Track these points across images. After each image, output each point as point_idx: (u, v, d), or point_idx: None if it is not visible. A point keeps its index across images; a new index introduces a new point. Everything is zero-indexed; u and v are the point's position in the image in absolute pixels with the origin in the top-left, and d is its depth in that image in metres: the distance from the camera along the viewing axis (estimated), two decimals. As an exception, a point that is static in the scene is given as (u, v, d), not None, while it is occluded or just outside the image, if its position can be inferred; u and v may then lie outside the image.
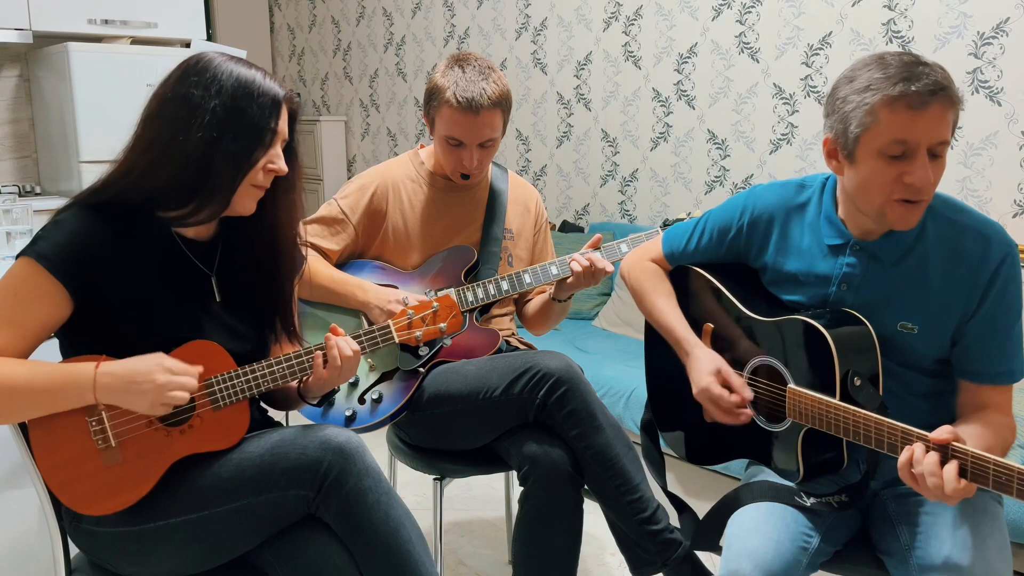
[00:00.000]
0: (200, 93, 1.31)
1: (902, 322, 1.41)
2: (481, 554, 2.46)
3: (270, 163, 1.36)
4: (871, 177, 1.32)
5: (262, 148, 1.34)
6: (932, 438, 1.18)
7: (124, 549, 1.33)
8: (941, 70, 1.29)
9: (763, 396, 1.50)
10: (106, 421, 1.30)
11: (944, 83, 1.27)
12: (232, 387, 1.35)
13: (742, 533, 1.39)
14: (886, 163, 1.30)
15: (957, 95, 1.28)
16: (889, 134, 1.28)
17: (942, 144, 1.28)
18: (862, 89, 1.30)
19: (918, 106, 1.25)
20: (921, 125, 1.26)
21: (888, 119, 1.27)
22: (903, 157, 1.28)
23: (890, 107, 1.27)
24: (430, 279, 1.92)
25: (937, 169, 1.30)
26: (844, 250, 1.44)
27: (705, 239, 1.62)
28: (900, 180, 1.29)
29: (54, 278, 1.27)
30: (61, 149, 3.62)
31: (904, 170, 1.29)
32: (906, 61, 1.29)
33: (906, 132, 1.27)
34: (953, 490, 1.15)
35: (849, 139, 1.33)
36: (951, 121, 1.29)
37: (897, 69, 1.28)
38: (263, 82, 1.34)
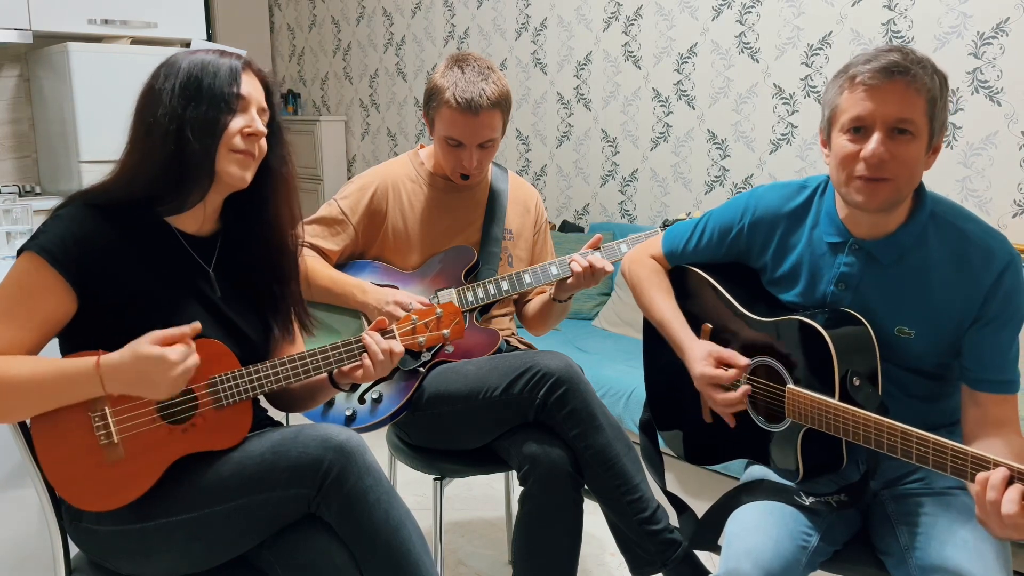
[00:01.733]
0: (161, 82, 1.34)
1: (899, 326, 1.41)
2: (481, 554, 2.47)
3: (246, 127, 1.36)
4: (836, 154, 1.37)
5: (229, 112, 1.34)
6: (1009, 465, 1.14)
7: (124, 548, 1.33)
8: (918, 58, 1.31)
9: (762, 396, 1.50)
10: (109, 417, 1.30)
11: (907, 64, 1.29)
12: (235, 387, 1.36)
13: (741, 532, 1.39)
14: (848, 140, 1.34)
15: (926, 78, 1.30)
16: (848, 111, 1.34)
17: (903, 122, 1.30)
18: (836, 75, 1.37)
19: (872, 83, 1.30)
20: (875, 102, 1.30)
21: (848, 97, 1.34)
22: (861, 133, 1.33)
23: (849, 87, 1.33)
24: (430, 279, 1.92)
25: (902, 150, 1.31)
26: (843, 248, 1.44)
27: (706, 239, 1.62)
28: (858, 157, 1.33)
29: (57, 272, 1.28)
30: (61, 149, 3.62)
31: (862, 146, 1.32)
32: (884, 48, 1.33)
33: (861, 108, 1.32)
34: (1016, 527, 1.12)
35: (826, 123, 1.39)
36: (917, 103, 1.30)
37: (869, 55, 1.33)
38: (219, 58, 1.36)
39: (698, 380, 1.51)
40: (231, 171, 1.37)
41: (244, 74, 1.37)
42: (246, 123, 1.36)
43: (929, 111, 1.31)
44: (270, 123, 1.42)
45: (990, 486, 1.13)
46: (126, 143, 1.37)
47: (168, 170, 1.33)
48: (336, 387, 1.51)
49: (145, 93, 1.36)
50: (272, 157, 1.43)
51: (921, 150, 1.33)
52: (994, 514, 1.13)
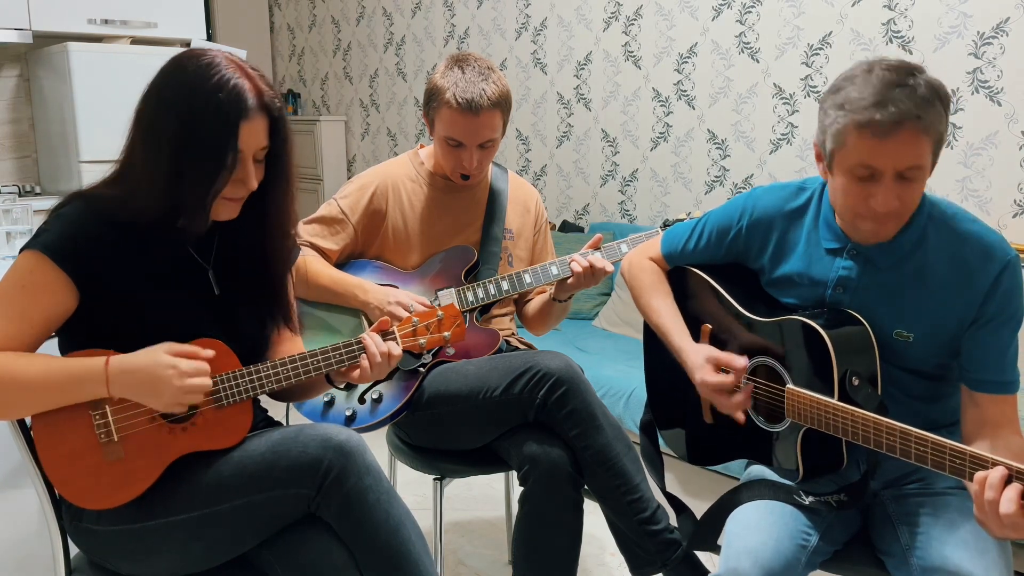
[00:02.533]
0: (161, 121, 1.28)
1: (898, 329, 1.40)
2: (481, 554, 2.46)
3: (239, 180, 1.32)
4: (842, 192, 1.34)
5: (224, 171, 1.29)
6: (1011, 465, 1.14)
7: (124, 548, 1.33)
8: (925, 90, 1.25)
9: (762, 396, 1.50)
10: (110, 416, 1.30)
11: (917, 110, 1.24)
12: (236, 386, 1.36)
13: (741, 531, 1.39)
14: (855, 182, 1.31)
15: (934, 120, 1.26)
16: (855, 157, 1.29)
17: (912, 169, 1.27)
18: (839, 106, 1.30)
19: (883, 135, 1.25)
20: (886, 152, 1.26)
21: (855, 143, 1.28)
22: (870, 179, 1.29)
23: (857, 132, 1.27)
24: (430, 279, 1.92)
25: (907, 192, 1.30)
26: (841, 253, 1.44)
27: (704, 240, 1.62)
28: (866, 201, 1.31)
29: (60, 269, 1.28)
30: (61, 149, 3.62)
31: (870, 192, 1.30)
32: (887, 80, 1.26)
33: (871, 158, 1.27)
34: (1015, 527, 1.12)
35: (827, 152, 1.35)
36: (926, 146, 1.26)
37: (874, 90, 1.26)
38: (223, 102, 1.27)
39: (700, 388, 1.51)
40: (220, 213, 1.36)
41: (246, 123, 1.28)
42: (239, 176, 1.32)
43: (935, 147, 1.29)
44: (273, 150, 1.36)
45: (988, 485, 1.13)
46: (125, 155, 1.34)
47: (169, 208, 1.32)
48: (331, 384, 1.51)
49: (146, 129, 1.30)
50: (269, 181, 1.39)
51: (924, 183, 1.32)
52: (992, 514, 1.13)
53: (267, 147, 1.35)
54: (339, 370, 1.46)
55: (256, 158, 1.34)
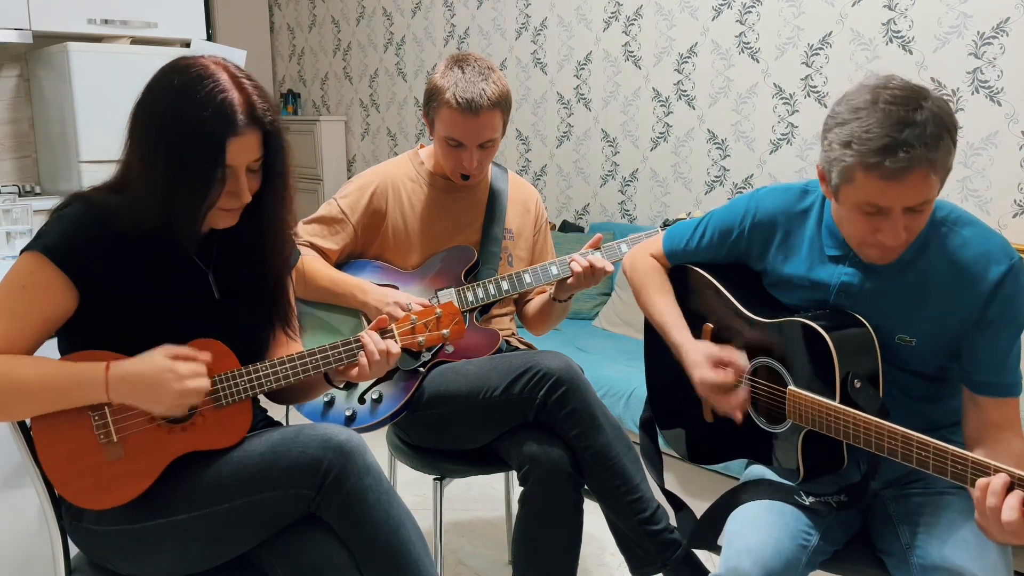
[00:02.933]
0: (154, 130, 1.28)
1: (900, 334, 1.40)
2: (481, 554, 2.46)
3: (231, 192, 1.32)
4: (848, 223, 1.34)
5: (216, 183, 1.29)
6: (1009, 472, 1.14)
7: (124, 548, 1.33)
8: (933, 126, 1.22)
9: (763, 397, 1.50)
10: (108, 416, 1.30)
11: (927, 153, 1.21)
12: (235, 386, 1.36)
13: (742, 530, 1.39)
14: (862, 215, 1.30)
15: (943, 157, 1.24)
16: (863, 196, 1.28)
17: (921, 204, 1.27)
18: (844, 143, 1.27)
19: (892, 178, 1.23)
20: (895, 192, 1.25)
21: (863, 183, 1.27)
22: (877, 214, 1.29)
23: (865, 174, 1.25)
24: (430, 279, 1.92)
25: (915, 222, 1.30)
26: (844, 261, 1.44)
27: (706, 240, 1.62)
28: (873, 234, 1.31)
29: (61, 271, 1.28)
30: (61, 149, 3.62)
31: (878, 226, 1.30)
32: (895, 118, 1.22)
33: (880, 198, 1.26)
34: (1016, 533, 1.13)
35: (831, 182, 1.33)
36: (934, 182, 1.25)
37: (881, 130, 1.22)
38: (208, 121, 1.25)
39: (699, 386, 1.51)
40: (218, 222, 1.36)
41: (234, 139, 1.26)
42: (231, 188, 1.31)
43: (943, 178, 1.28)
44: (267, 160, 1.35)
45: (990, 492, 1.13)
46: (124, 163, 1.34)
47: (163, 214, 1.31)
48: (331, 383, 1.51)
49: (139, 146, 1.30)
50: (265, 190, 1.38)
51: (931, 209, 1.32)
52: (994, 520, 1.13)
53: (260, 158, 1.33)
54: (337, 369, 1.46)
55: (250, 168, 1.33)
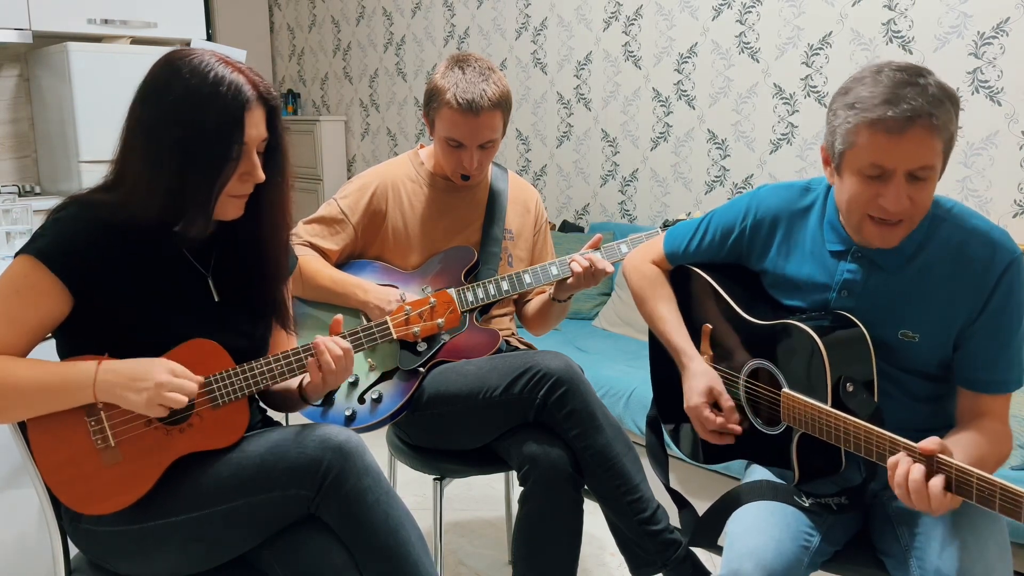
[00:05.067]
0: (160, 118, 1.28)
1: (903, 330, 1.40)
2: (481, 554, 2.46)
3: (245, 173, 1.33)
4: (851, 193, 1.33)
5: (230, 163, 1.30)
6: (919, 448, 1.18)
7: (124, 549, 1.33)
8: (935, 90, 1.25)
9: (760, 399, 1.50)
10: (105, 421, 1.30)
11: (929, 108, 1.23)
12: (231, 385, 1.35)
13: (743, 532, 1.39)
14: (864, 182, 1.30)
15: (946, 119, 1.25)
16: (867, 156, 1.28)
17: (924, 169, 1.27)
18: (849, 106, 1.29)
19: (895, 131, 1.24)
20: (898, 150, 1.25)
21: (866, 142, 1.27)
22: (880, 179, 1.29)
23: (868, 130, 1.26)
24: (430, 279, 1.92)
25: (919, 193, 1.29)
26: (846, 256, 1.44)
27: (707, 240, 1.62)
28: (875, 201, 1.30)
29: (54, 275, 1.28)
30: (61, 149, 3.62)
31: (880, 192, 1.29)
32: (898, 80, 1.26)
33: (882, 156, 1.27)
34: (939, 504, 1.15)
35: (835, 153, 1.34)
36: (936, 146, 1.26)
37: (884, 89, 1.25)
38: (225, 95, 1.27)
39: (688, 409, 1.54)
40: (226, 211, 1.36)
41: (249, 113, 1.29)
42: (245, 168, 1.33)
43: (946, 148, 1.29)
44: (270, 143, 1.37)
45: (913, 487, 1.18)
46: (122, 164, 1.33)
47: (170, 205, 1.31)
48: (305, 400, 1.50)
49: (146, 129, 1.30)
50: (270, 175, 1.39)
51: (934, 186, 1.31)
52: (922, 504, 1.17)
53: (266, 139, 1.36)
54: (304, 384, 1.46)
55: (259, 150, 1.35)
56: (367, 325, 1.49)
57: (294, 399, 1.53)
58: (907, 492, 1.18)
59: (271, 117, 1.35)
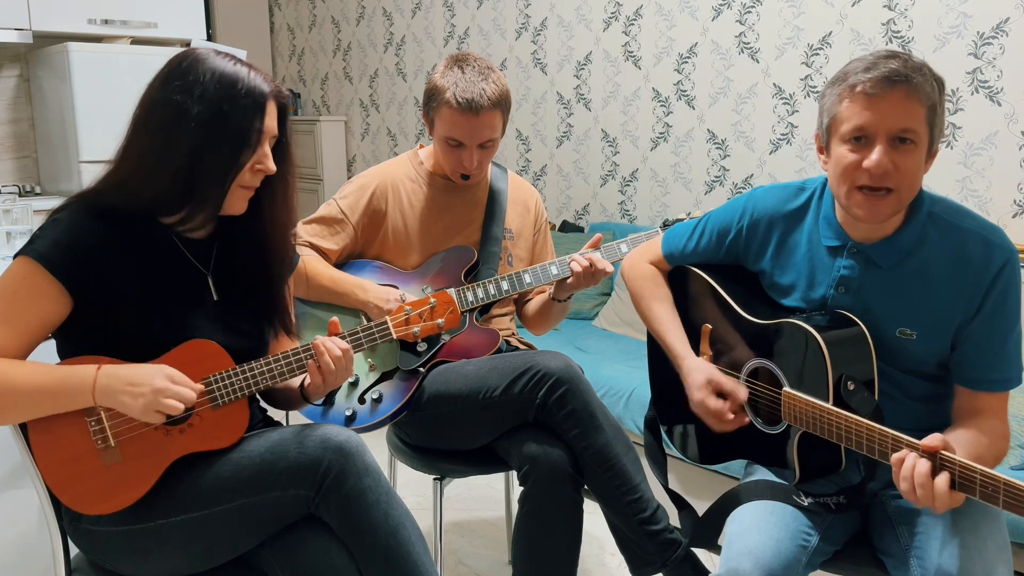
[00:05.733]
0: (182, 98, 1.30)
1: (900, 328, 1.40)
2: (481, 554, 2.46)
3: (258, 163, 1.35)
4: (836, 164, 1.35)
5: (248, 149, 1.33)
6: (922, 445, 1.18)
7: (124, 548, 1.33)
8: (916, 63, 1.30)
9: (761, 398, 1.50)
10: (105, 421, 1.30)
11: (907, 72, 1.28)
12: (231, 385, 1.35)
13: (742, 531, 1.39)
14: (849, 149, 1.33)
15: (925, 87, 1.29)
16: (848, 121, 1.32)
17: (905, 131, 1.29)
18: (836, 82, 1.35)
19: (873, 93, 1.29)
20: (877, 111, 1.29)
21: (848, 107, 1.32)
22: (863, 142, 1.32)
23: (849, 96, 1.32)
24: (430, 279, 1.92)
25: (903, 159, 1.30)
26: (842, 252, 1.44)
27: (704, 241, 1.62)
28: (860, 167, 1.32)
29: (53, 277, 1.28)
30: (61, 149, 3.62)
31: (864, 155, 1.31)
32: (883, 55, 1.31)
33: (862, 117, 1.30)
34: (943, 501, 1.16)
35: (824, 130, 1.38)
36: (918, 111, 1.29)
37: (868, 62, 1.31)
38: (247, 82, 1.32)
39: (695, 406, 1.53)
40: (236, 205, 1.38)
41: (268, 104, 1.35)
42: (258, 159, 1.35)
43: (929, 118, 1.31)
44: (279, 141, 1.41)
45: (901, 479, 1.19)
46: (126, 148, 1.34)
47: (175, 193, 1.32)
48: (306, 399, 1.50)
49: (160, 105, 1.31)
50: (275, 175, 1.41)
51: (922, 158, 1.33)
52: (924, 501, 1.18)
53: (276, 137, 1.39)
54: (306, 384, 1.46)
55: (270, 142, 1.38)
56: (367, 325, 1.49)
57: (296, 398, 1.53)
58: (912, 487, 1.18)
59: (283, 114, 1.40)
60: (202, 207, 1.35)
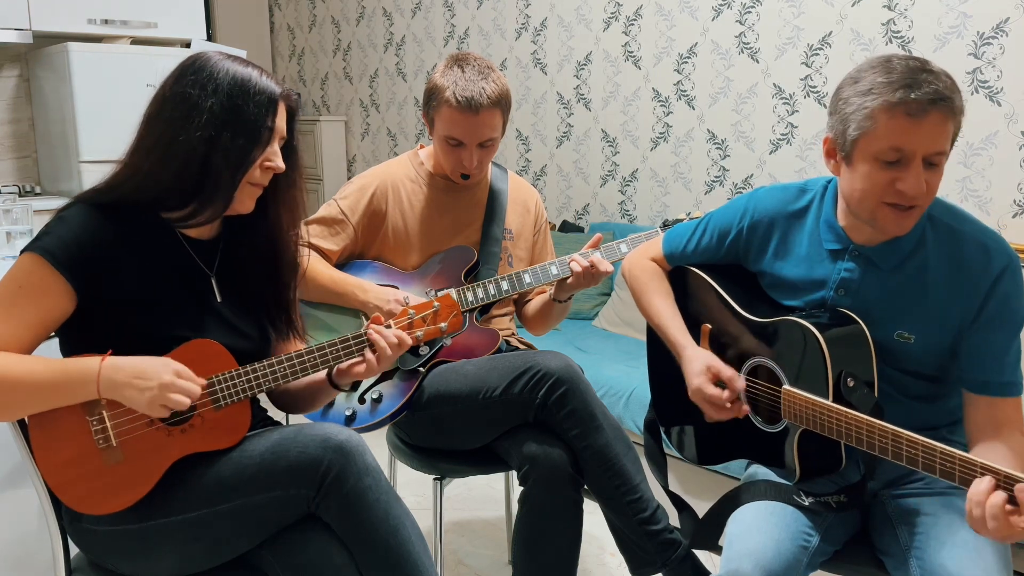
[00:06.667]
0: (197, 92, 1.32)
1: (899, 331, 1.40)
2: (481, 554, 2.46)
3: (267, 161, 1.37)
4: (865, 180, 1.32)
5: (259, 146, 1.35)
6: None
7: (124, 548, 1.33)
8: (946, 79, 1.28)
9: (761, 397, 1.50)
10: (107, 420, 1.30)
11: (946, 93, 1.25)
12: (233, 386, 1.36)
13: (742, 532, 1.39)
14: (881, 168, 1.30)
15: (959, 106, 1.27)
16: (886, 140, 1.28)
17: (939, 154, 1.28)
18: (864, 92, 1.29)
19: (917, 114, 1.25)
20: (918, 133, 1.26)
21: (886, 125, 1.27)
22: (898, 164, 1.29)
23: (889, 113, 1.26)
24: (430, 279, 1.92)
25: (933, 178, 1.29)
26: (843, 255, 1.44)
27: (705, 241, 1.62)
28: (893, 186, 1.30)
29: (59, 274, 1.28)
30: (61, 149, 3.62)
31: (897, 176, 1.29)
32: (911, 67, 1.27)
33: (903, 139, 1.27)
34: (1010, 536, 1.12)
35: (847, 141, 1.33)
36: (950, 132, 1.28)
37: (900, 75, 1.26)
38: (259, 80, 1.35)
39: (693, 394, 1.52)
40: (244, 203, 1.39)
41: (280, 103, 1.37)
42: (267, 156, 1.37)
43: (954, 136, 1.30)
44: (287, 146, 1.42)
45: (974, 503, 1.13)
46: (137, 142, 1.35)
47: (184, 186, 1.33)
48: (336, 387, 1.51)
49: (175, 99, 1.33)
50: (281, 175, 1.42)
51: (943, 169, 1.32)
52: (981, 527, 1.13)
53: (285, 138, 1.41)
54: (340, 368, 1.46)
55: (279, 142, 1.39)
56: None
57: (316, 390, 1.54)
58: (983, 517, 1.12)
59: (291, 116, 1.42)
60: (211, 202, 1.35)
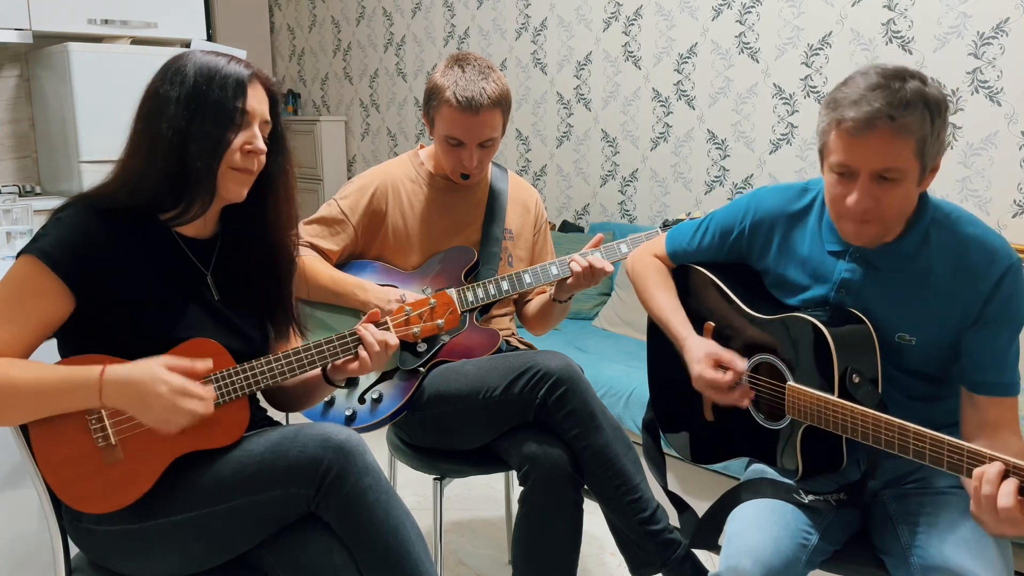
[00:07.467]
0: (167, 88, 1.33)
1: (900, 333, 1.41)
2: (481, 554, 2.46)
3: (247, 144, 1.36)
4: (829, 189, 1.36)
5: (233, 128, 1.34)
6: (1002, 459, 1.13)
7: (124, 548, 1.33)
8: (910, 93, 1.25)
9: (763, 394, 1.50)
10: (106, 419, 1.30)
11: (890, 111, 1.24)
12: (231, 384, 1.36)
13: (742, 530, 1.39)
14: (836, 180, 1.33)
15: (913, 122, 1.25)
16: (835, 154, 1.31)
17: (890, 170, 1.28)
18: (827, 105, 1.33)
19: (857, 132, 1.27)
20: (859, 152, 1.28)
21: (834, 141, 1.31)
22: (847, 177, 1.31)
23: (835, 131, 1.30)
24: (430, 279, 1.92)
25: (887, 193, 1.29)
26: (844, 256, 1.45)
27: (707, 239, 1.62)
28: (844, 199, 1.32)
29: (56, 276, 1.28)
30: (61, 149, 3.62)
31: (848, 190, 1.31)
32: (872, 83, 1.27)
33: (846, 156, 1.29)
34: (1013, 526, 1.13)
35: (819, 153, 1.38)
36: (902, 149, 1.26)
37: (856, 90, 1.28)
38: (227, 67, 1.35)
39: (695, 381, 1.51)
40: (229, 188, 1.38)
41: (251, 85, 1.36)
42: (247, 139, 1.36)
43: (919, 150, 1.28)
44: (272, 133, 1.42)
45: (985, 480, 1.14)
46: (127, 145, 1.36)
47: (171, 181, 1.34)
48: (331, 383, 1.51)
49: (149, 97, 1.35)
50: (272, 165, 1.42)
51: (909, 188, 1.31)
52: (989, 509, 1.13)
53: (270, 123, 1.40)
54: (335, 365, 1.46)
55: (262, 131, 1.38)
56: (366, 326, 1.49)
57: (311, 387, 1.54)
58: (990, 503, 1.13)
59: (273, 101, 1.41)
60: (197, 193, 1.35)
